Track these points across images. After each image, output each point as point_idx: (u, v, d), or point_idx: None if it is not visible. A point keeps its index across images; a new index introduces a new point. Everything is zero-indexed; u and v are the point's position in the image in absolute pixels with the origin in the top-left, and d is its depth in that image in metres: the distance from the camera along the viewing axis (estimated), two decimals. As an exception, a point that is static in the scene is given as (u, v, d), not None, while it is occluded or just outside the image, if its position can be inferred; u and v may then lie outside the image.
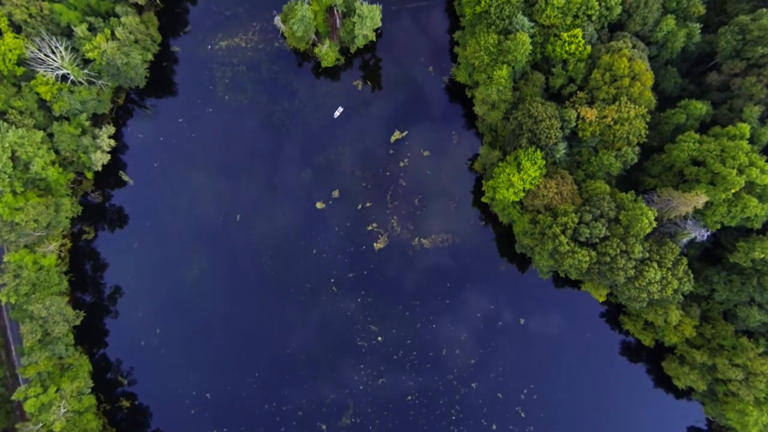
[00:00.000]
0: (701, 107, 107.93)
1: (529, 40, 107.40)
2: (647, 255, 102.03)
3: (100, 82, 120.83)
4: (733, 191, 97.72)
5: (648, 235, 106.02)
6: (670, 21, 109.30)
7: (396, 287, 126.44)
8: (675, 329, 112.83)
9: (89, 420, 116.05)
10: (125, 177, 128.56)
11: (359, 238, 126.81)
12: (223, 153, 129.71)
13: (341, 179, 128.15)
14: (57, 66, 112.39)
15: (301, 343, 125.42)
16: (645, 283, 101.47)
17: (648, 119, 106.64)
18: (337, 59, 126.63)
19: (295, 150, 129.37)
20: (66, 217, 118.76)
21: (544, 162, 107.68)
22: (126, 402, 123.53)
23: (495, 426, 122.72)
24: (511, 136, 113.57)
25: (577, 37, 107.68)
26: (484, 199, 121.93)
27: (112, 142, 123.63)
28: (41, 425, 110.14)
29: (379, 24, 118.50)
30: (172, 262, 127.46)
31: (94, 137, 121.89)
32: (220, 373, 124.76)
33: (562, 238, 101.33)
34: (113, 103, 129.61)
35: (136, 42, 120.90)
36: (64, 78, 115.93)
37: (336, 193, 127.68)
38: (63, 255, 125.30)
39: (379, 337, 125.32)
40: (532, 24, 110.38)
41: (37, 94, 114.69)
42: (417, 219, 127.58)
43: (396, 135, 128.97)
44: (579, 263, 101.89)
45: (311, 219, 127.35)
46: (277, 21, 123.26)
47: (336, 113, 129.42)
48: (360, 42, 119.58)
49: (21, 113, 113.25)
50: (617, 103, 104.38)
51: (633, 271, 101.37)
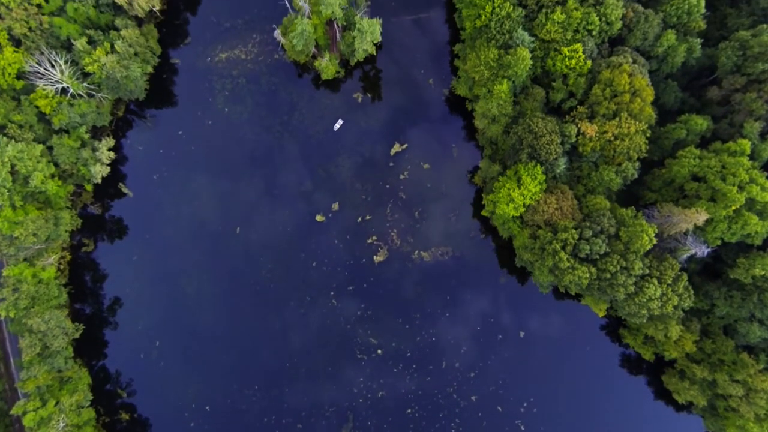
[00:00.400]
0: (702, 123, 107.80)
1: (530, 55, 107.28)
2: (647, 271, 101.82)
3: (99, 94, 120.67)
4: (734, 208, 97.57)
5: (648, 251, 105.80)
6: (670, 36, 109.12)
7: (396, 300, 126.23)
8: (675, 344, 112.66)
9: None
10: (125, 189, 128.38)
11: (359, 250, 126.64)
12: (223, 165, 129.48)
13: (341, 192, 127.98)
14: (57, 79, 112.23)
15: (301, 356, 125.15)
16: (645, 300, 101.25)
17: (648, 134, 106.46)
18: (337, 72, 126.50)
19: (295, 162, 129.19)
20: (65, 231, 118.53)
21: (544, 177, 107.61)
22: (125, 415, 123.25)
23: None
24: (512, 150, 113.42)
25: (578, 52, 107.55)
26: (484, 213, 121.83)
27: (111, 154, 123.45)
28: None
29: (379, 39, 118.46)
30: (171, 274, 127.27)
31: (93, 150, 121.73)
32: (219, 386, 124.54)
33: (562, 254, 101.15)
34: (113, 115, 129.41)
35: (135, 55, 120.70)
36: (63, 91, 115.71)
37: (336, 206, 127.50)
38: (62, 267, 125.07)
39: (379, 350, 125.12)
40: (532, 39, 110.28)
41: (37, 107, 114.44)
42: (417, 232, 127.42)
43: (396, 147, 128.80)
44: (579, 279, 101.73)
45: (311, 231, 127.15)
46: (277, 34, 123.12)
47: (336, 126, 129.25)
48: (360, 55, 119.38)
49: (20, 127, 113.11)
50: (618, 119, 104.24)
51: (633, 288, 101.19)
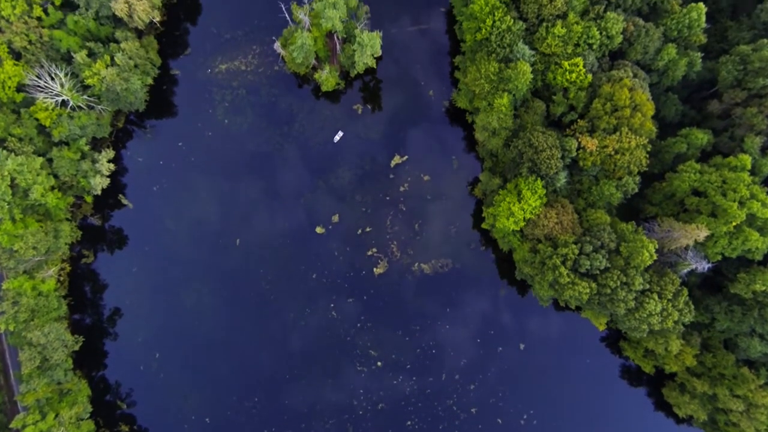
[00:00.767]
0: (702, 137, 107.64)
1: (530, 69, 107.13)
2: (648, 286, 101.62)
3: (99, 106, 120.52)
4: (734, 224, 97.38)
5: (648, 266, 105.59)
6: (671, 50, 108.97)
7: (396, 312, 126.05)
8: (676, 358, 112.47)
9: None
10: (125, 200, 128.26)
11: (359, 262, 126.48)
12: (223, 177, 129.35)
13: (341, 204, 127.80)
14: (57, 92, 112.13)
15: (300, 368, 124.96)
16: (645, 315, 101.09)
17: (649, 149, 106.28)
18: (337, 83, 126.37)
19: (295, 174, 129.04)
20: (65, 243, 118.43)
21: (544, 191, 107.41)
22: (125, 427, 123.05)
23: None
24: (512, 163, 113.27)
25: (578, 66, 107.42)
26: (484, 226, 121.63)
27: (111, 166, 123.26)
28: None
29: (380, 53, 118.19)
30: (171, 286, 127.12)
31: (93, 161, 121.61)
32: (219, 398, 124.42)
33: (562, 269, 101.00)
34: (113, 127, 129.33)
35: (135, 67, 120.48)
36: (63, 103, 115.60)
37: (336, 218, 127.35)
38: (62, 279, 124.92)
39: (379, 362, 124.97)
40: (532, 52, 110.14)
41: (37, 120, 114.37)
42: (417, 244, 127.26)
43: (396, 159, 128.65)
44: (579, 295, 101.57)
45: (311, 243, 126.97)
46: (277, 47, 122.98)
47: (336, 137, 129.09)
48: (360, 68, 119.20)
49: (20, 140, 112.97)
50: (618, 133, 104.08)
51: (633, 303, 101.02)
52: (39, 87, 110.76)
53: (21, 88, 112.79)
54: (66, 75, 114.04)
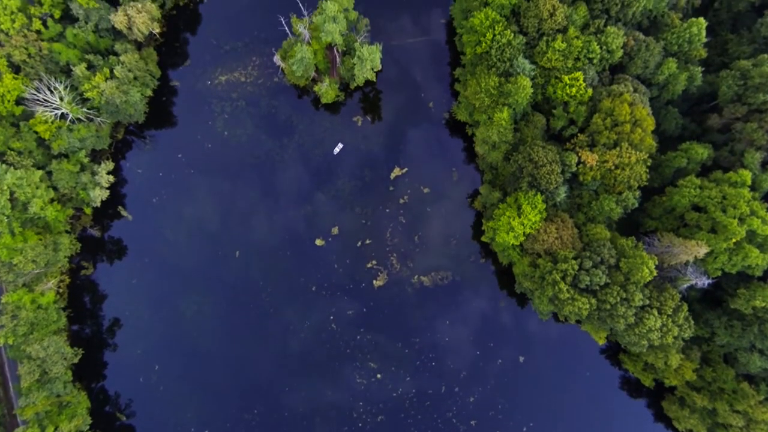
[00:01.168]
0: (702, 152, 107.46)
1: (530, 83, 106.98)
2: (647, 302, 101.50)
3: (99, 119, 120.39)
4: (734, 241, 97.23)
5: (648, 281, 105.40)
6: (671, 64, 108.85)
7: (395, 324, 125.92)
8: (675, 372, 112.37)
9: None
10: (124, 212, 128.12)
11: (359, 275, 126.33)
12: (222, 188, 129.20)
13: (341, 216, 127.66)
14: (56, 105, 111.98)
15: (300, 380, 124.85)
16: (645, 331, 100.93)
17: (649, 164, 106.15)
18: (337, 96, 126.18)
19: (295, 186, 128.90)
20: (65, 256, 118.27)
21: (544, 206, 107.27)
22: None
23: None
24: (512, 177, 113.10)
25: (579, 80, 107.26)
26: (484, 239, 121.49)
27: (110, 178, 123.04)
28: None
29: (379, 67, 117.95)
30: (170, 297, 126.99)
31: (92, 173, 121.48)
32: (219, 410, 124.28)
33: (561, 285, 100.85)
34: (112, 138, 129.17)
35: (135, 79, 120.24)
36: (62, 116, 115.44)
37: (335, 230, 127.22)
38: (62, 291, 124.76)
39: (378, 375, 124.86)
40: (533, 66, 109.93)
41: (36, 132, 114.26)
42: (417, 256, 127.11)
43: (396, 171, 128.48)
44: (579, 310, 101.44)
45: (310, 256, 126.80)
46: (277, 59, 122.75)
47: (336, 149, 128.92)
48: (360, 81, 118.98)
49: (20, 154, 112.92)
50: (618, 149, 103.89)
51: (633, 318, 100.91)
52: (38, 100, 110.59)
53: (20, 101, 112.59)
54: (65, 88, 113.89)
